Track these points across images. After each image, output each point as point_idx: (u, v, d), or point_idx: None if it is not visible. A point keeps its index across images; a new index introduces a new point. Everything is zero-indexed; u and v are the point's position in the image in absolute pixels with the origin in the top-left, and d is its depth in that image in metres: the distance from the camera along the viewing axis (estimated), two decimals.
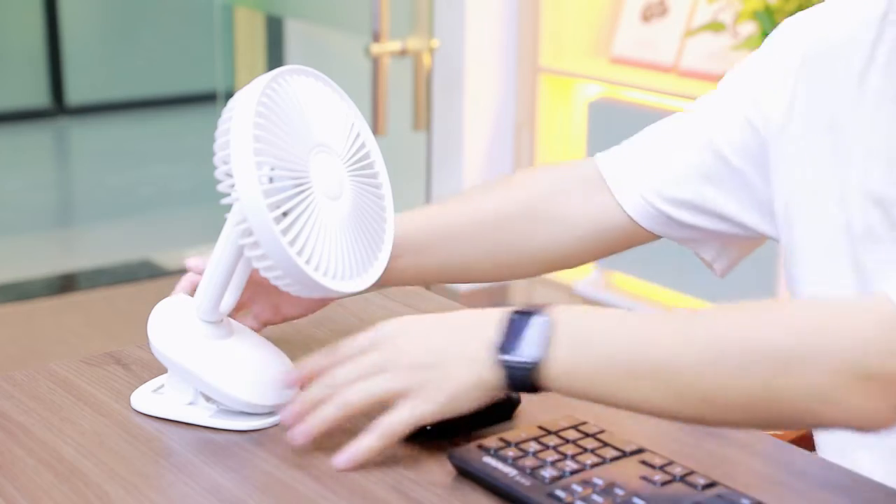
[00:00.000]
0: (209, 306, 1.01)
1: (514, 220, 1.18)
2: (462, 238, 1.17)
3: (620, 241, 1.19)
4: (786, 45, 1.12)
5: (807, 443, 1.16)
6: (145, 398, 1.03)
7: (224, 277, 1.00)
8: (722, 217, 1.14)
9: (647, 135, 1.19)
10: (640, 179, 1.15)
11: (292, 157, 0.95)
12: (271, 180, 0.93)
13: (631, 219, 1.16)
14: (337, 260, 0.98)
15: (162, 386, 1.05)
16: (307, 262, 0.95)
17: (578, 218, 1.17)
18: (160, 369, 1.10)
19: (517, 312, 0.92)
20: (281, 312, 1.15)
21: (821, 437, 1.11)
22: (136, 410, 1.03)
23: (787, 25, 1.13)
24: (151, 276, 3.79)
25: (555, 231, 1.17)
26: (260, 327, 1.15)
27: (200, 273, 1.06)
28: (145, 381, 1.09)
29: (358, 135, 1.04)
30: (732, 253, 1.19)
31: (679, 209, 1.14)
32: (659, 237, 1.19)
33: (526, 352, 0.90)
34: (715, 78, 3.09)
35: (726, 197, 1.13)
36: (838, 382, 0.84)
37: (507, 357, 0.90)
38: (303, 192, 0.95)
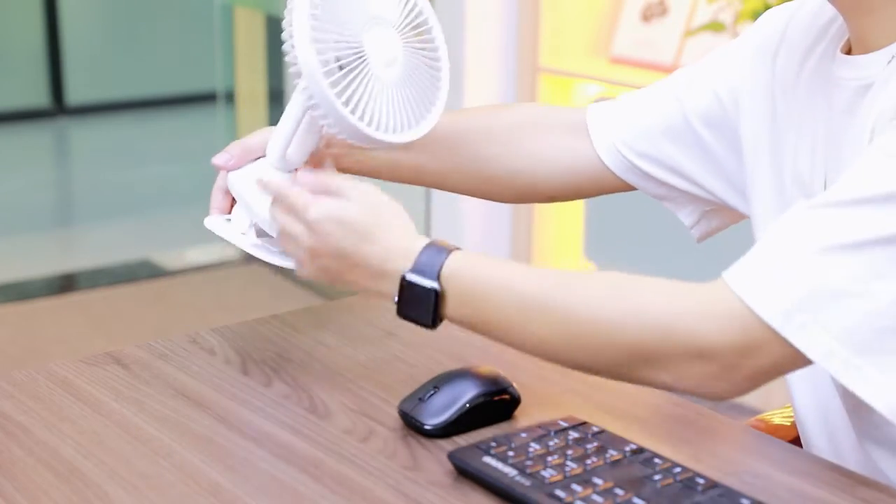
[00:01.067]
0: (277, 154, 1.15)
1: (494, 137, 1.25)
2: (445, 143, 1.25)
3: (592, 185, 1.25)
4: (760, 32, 1.16)
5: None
6: (215, 220, 1.19)
7: (291, 128, 1.13)
8: (685, 177, 1.20)
9: (638, 91, 1.25)
10: (615, 129, 1.22)
11: (346, 31, 1.09)
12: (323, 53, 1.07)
13: (604, 164, 1.22)
14: (388, 115, 1.11)
15: (229, 219, 1.19)
16: (360, 118, 1.08)
17: (555, 152, 1.24)
18: (160, 369, 1.10)
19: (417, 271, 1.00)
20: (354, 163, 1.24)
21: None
22: (206, 228, 1.16)
23: (768, 13, 1.17)
24: (151, 276, 3.79)
25: (529, 160, 1.24)
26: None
27: (226, 168, 1.18)
28: (145, 381, 1.09)
29: (414, 6, 1.15)
30: (712, 222, 1.25)
31: (645, 162, 1.21)
32: (633, 188, 1.24)
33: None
34: None
35: (687, 157, 1.19)
36: (671, 352, 0.91)
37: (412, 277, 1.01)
38: (356, 59, 1.09)
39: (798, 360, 0.89)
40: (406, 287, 1.00)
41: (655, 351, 0.92)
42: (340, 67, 1.08)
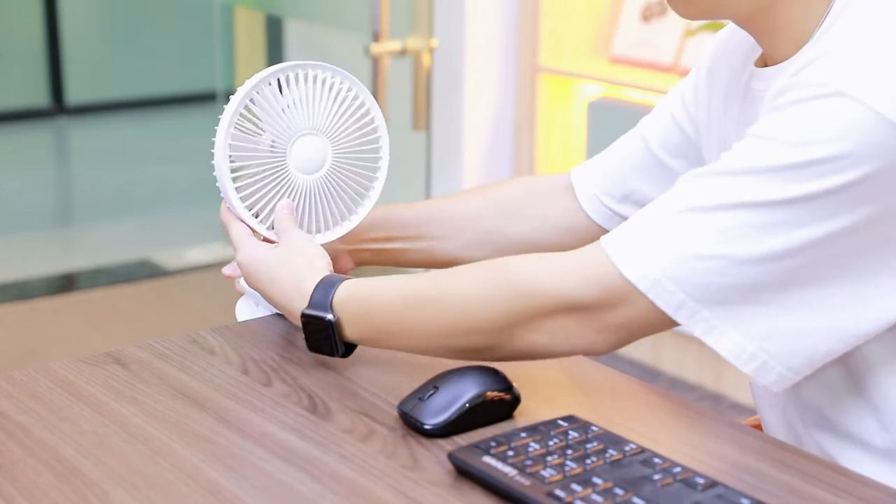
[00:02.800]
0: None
1: (493, 214, 1.32)
2: (450, 227, 1.32)
3: (588, 240, 1.27)
4: (708, 55, 1.23)
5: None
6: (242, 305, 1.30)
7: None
8: None
9: (612, 144, 1.32)
10: (593, 182, 1.29)
11: (258, 147, 1.22)
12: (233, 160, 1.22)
13: (590, 218, 1.29)
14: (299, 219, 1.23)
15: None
16: (256, 216, 1.23)
17: (549, 217, 1.31)
18: (160, 369, 1.11)
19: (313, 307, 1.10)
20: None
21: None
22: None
23: (725, 31, 1.22)
24: (151, 275, 3.79)
25: (534, 225, 1.31)
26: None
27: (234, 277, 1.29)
28: (145, 381, 1.09)
29: (363, 120, 1.25)
30: None
31: (623, 205, 1.28)
32: None
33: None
34: None
35: (661, 188, 1.22)
36: (542, 310, 1.00)
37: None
38: (272, 166, 1.22)
39: (659, 315, 0.97)
40: (306, 323, 1.09)
41: (528, 312, 1.00)
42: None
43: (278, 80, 1.21)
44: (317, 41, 3.89)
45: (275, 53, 3.97)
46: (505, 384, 1.03)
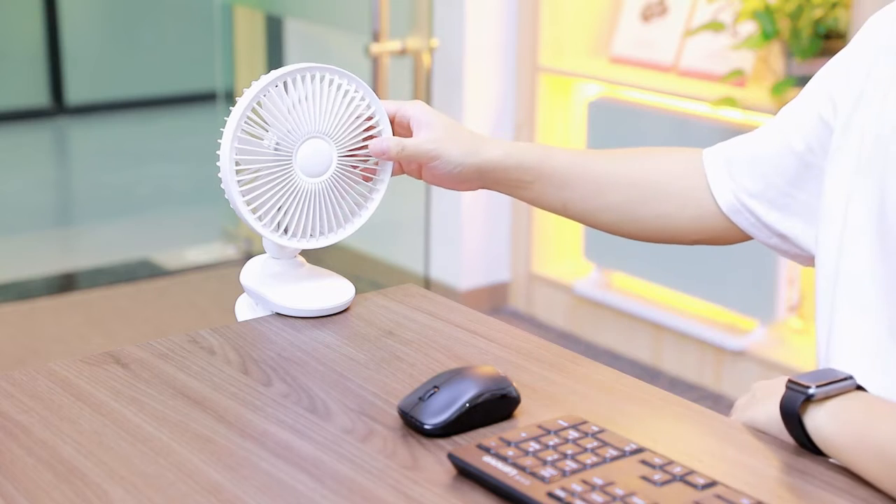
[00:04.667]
0: (270, 245, 1.28)
1: (640, 185, 1.27)
2: (593, 185, 1.27)
3: (715, 229, 1.26)
4: (865, 39, 1.14)
5: None
6: (242, 305, 1.30)
7: None
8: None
9: (747, 135, 1.25)
10: (732, 178, 1.23)
11: (262, 150, 1.22)
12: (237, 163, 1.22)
13: (725, 216, 1.24)
14: (300, 222, 1.24)
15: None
16: (264, 223, 1.22)
17: (686, 205, 1.26)
18: (160, 369, 1.10)
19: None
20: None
21: None
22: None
23: (871, 19, 1.15)
24: (151, 275, 3.79)
25: (676, 203, 1.26)
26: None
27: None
28: (145, 381, 1.09)
29: (366, 121, 1.25)
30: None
31: (761, 204, 1.21)
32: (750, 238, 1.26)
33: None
34: (715, 78, 3.09)
35: (809, 192, 1.17)
36: None
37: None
38: (276, 167, 1.21)
39: None
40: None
41: None
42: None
43: (285, 82, 1.21)
44: (317, 41, 3.89)
45: (275, 53, 3.97)
46: (505, 384, 1.03)
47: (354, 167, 1.25)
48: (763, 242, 1.23)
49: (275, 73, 1.20)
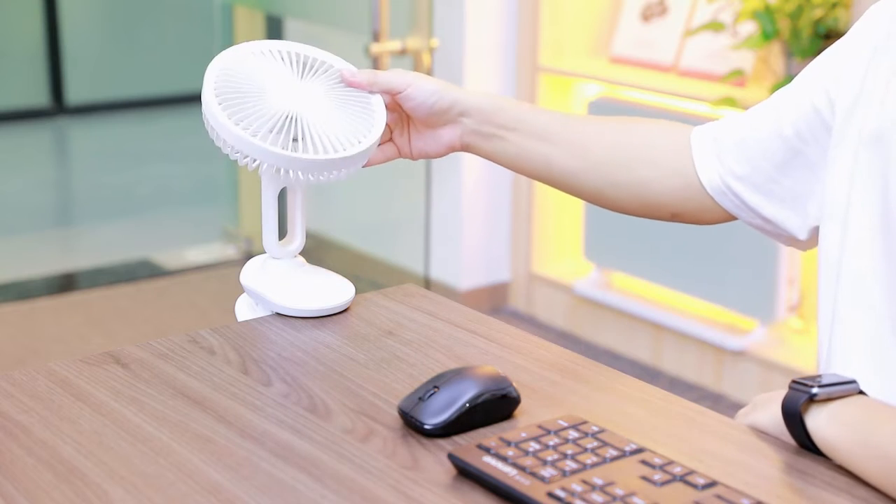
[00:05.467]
0: (272, 244, 1.27)
1: (631, 147, 1.26)
2: (578, 145, 1.25)
3: (696, 200, 1.25)
4: (863, 31, 1.13)
5: None
6: (242, 305, 1.30)
7: (273, 215, 1.25)
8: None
9: (738, 116, 1.24)
10: (719, 159, 1.22)
11: (248, 101, 1.23)
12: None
13: (706, 192, 1.23)
14: (326, 138, 1.21)
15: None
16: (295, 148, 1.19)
17: (673, 172, 1.25)
18: (160, 369, 1.10)
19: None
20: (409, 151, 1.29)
21: None
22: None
23: (871, 10, 1.14)
24: (151, 275, 3.79)
25: (659, 171, 1.25)
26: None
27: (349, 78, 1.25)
28: (145, 381, 1.09)
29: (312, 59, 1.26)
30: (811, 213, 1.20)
31: (742, 185, 1.20)
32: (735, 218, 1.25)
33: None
34: (715, 77, 3.09)
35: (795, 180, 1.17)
36: None
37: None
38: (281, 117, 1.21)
39: None
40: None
41: None
42: (270, 131, 1.19)
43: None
44: (317, 41, 3.88)
45: None
46: (505, 384, 1.03)
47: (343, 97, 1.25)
48: (747, 223, 1.24)
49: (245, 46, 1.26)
